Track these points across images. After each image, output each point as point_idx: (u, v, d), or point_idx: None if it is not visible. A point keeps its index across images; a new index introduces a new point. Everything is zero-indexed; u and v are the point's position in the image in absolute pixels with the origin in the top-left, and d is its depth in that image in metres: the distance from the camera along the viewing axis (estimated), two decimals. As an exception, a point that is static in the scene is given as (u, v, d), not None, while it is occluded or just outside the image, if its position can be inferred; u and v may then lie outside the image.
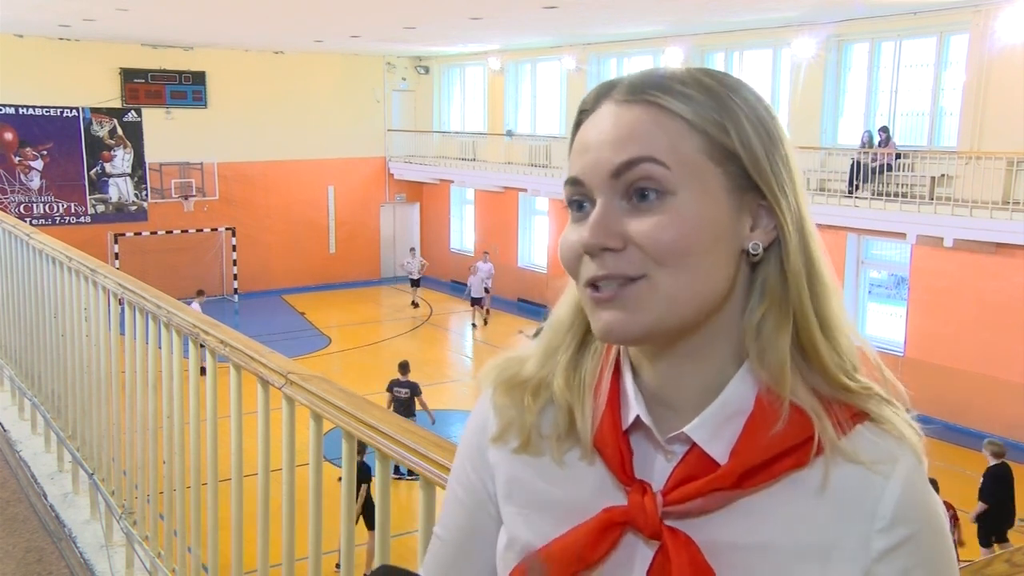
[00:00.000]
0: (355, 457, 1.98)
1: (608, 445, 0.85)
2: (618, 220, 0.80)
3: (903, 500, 0.80)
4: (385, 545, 1.87)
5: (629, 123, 0.80)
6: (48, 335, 4.28)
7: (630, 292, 0.80)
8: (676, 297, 0.79)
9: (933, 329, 13.39)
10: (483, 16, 15.35)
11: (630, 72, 0.85)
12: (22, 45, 19.02)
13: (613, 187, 0.80)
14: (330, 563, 5.85)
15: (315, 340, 18.50)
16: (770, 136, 0.82)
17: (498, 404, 0.95)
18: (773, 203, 0.81)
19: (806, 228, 0.83)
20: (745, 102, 0.82)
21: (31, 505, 3.86)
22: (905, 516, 0.80)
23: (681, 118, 0.80)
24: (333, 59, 22.78)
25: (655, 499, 0.82)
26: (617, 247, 0.80)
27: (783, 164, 0.82)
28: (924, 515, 0.81)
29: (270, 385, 2.26)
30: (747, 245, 0.82)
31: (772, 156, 0.82)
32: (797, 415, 0.81)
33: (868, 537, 0.79)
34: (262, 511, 2.42)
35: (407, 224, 24.85)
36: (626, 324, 0.80)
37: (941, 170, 13.45)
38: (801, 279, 0.82)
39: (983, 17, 12.84)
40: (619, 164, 0.79)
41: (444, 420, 13.55)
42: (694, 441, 0.82)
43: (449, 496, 1.01)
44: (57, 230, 12.34)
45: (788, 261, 0.82)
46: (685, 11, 14.41)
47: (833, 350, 0.83)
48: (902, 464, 0.81)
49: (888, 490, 0.80)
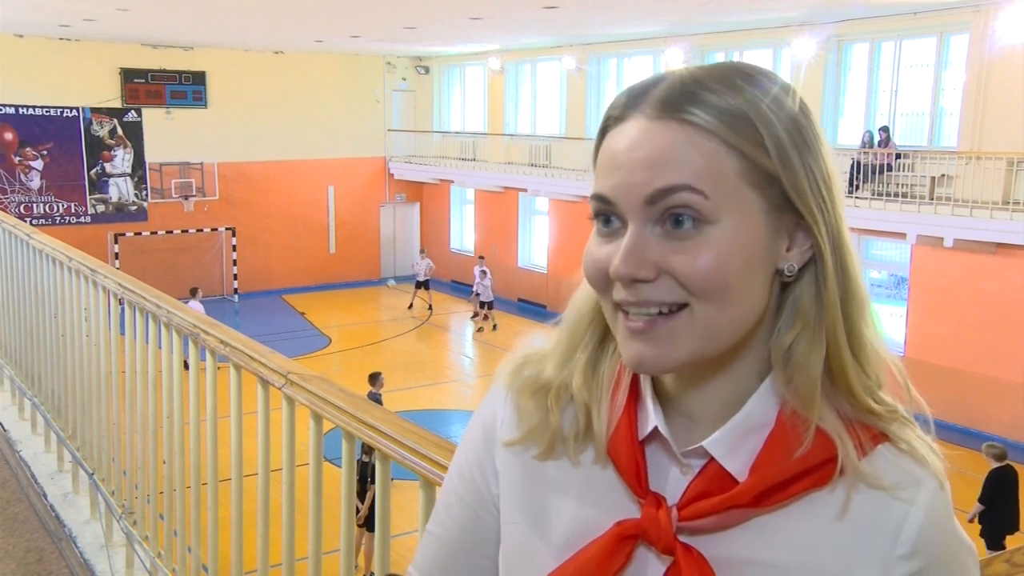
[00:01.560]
0: (355, 457, 1.98)
1: (623, 455, 0.83)
2: (652, 249, 0.76)
3: (926, 527, 0.78)
4: (386, 546, 1.87)
5: (664, 145, 0.76)
6: (48, 335, 4.28)
7: (665, 325, 0.77)
8: (713, 329, 0.77)
9: (933, 329, 13.39)
10: (483, 16, 15.35)
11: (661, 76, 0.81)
12: (22, 45, 19.02)
13: (647, 213, 0.76)
14: (330, 563, 5.85)
15: (315, 340, 18.50)
16: (808, 145, 0.79)
17: (522, 408, 0.91)
18: (811, 223, 0.78)
19: (843, 244, 0.80)
20: (782, 111, 0.78)
21: (31, 505, 3.86)
22: (928, 543, 0.78)
23: (717, 138, 0.76)
24: (333, 59, 22.78)
25: (670, 514, 0.80)
26: (649, 278, 0.76)
27: (821, 178, 0.79)
28: (947, 543, 0.80)
29: (270, 385, 2.26)
30: (782, 265, 0.79)
31: (811, 171, 0.78)
32: (819, 436, 0.78)
33: (890, 563, 0.77)
34: (262, 511, 2.42)
35: (407, 224, 24.84)
36: (659, 358, 0.78)
37: (941, 170, 13.44)
38: (836, 300, 0.79)
39: (983, 17, 12.84)
40: (655, 191, 0.75)
41: (444, 420, 13.55)
42: (712, 456, 0.80)
43: (448, 491, 0.98)
44: (57, 230, 12.35)
45: (825, 283, 0.79)
46: (685, 11, 14.40)
47: (862, 371, 0.81)
48: (925, 489, 0.79)
49: (911, 516, 0.78)
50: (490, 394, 0.97)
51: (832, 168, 0.80)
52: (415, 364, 17.06)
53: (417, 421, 1.82)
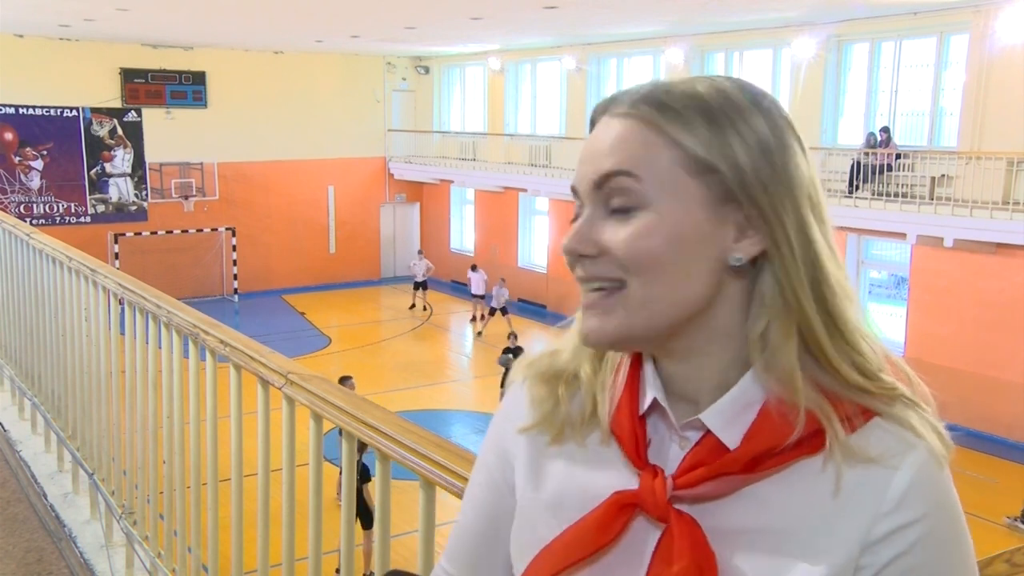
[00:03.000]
0: (355, 457, 1.98)
1: (624, 429, 0.87)
2: (596, 229, 0.83)
3: (912, 485, 0.79)
4: (386, 545, 1.87)
5: (614, 136, 0.84)
6: (48, 335, 4.28)
7: (607, 300, 0.84)
8: (647, 305, 0.82)
9: (933, 329, 13.39)
10: (483, 16, 15.35)
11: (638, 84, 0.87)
12: (22, 45, 19.03)
13: (596, 197, 0.84)
14: (330, 563, 5.86)
15: (315, 340, 18.50)
16: (764, 146, 0.81)
17: (534, 396, 0.96)
18: (758, 215, 0.81)
19: (809, 237, 0.82)
20: (741, 112, 0.82)
21: (31, 505, 3.86)
22: (912, 500, 0.79)
23: (656, 128, 0.82)
24: (333, 59, 22.78)
25: (665, 482, 0.83)
26: (591, 254, 0.83)
27: (778, 175, 0.81)
28: (934, 500, 0.80)
29: (270, 385, 2.26)
30: (729, 256, 0.82)
31: (761, 168, 0.81)
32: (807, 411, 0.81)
33: (872, 521, 0.79)
34: (262, 511, 2.41)
35: (407, 224, 24.85)
36: (599, 330, 0.84)
37: (941, 170, 13.44)
38: (803, 288, 0.81)
39: (983, 17, 12.84)
40: (599, 176, 0.83)
41: (444, 420, 13.55)
42: (708, 428, 0.83)
43: (471, 481, 1.04)
44: (57, 230, 12.34)
45: (786, 273, 0.81)
46: (685, 11, 14.40)
47: (847, 352, 0.82)
48: (913, 456, 0.80)
49: (897, 478, 0.79)
50: (510, 388, 1.03)
51: (800, 171, 0.83)
52: (415, 364, 17.06)
53: (417, 421, 1.82)
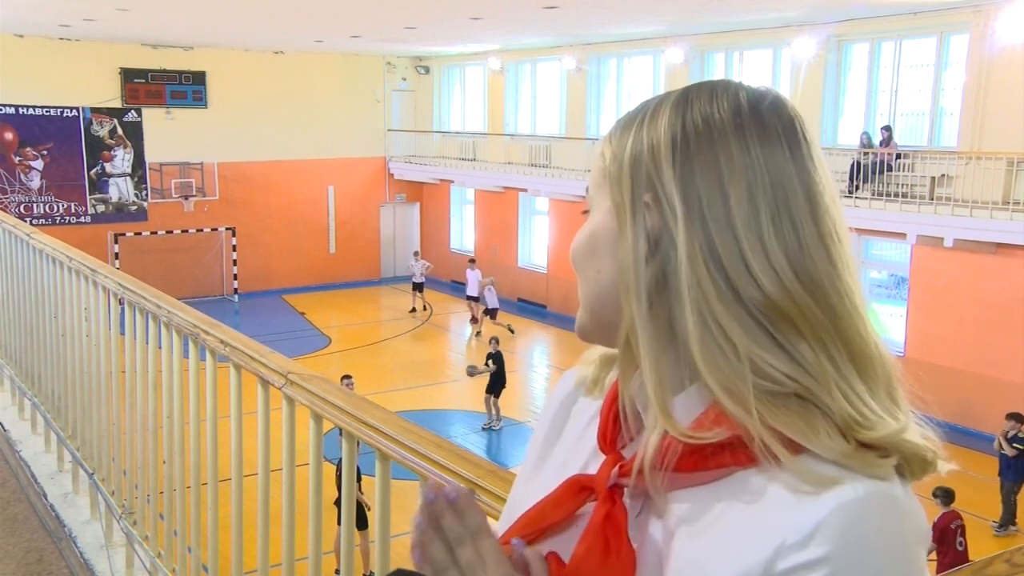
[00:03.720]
0: (355, 457, 1.98)
1: (602, 415, 0.91)
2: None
3: (830, 519, 0.70)
4: (386, 545, 1.87)
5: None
6: (48, 335, 4.28)
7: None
8: (585, 299, 0.90)
9: (933, 329, 13.39)
10: (483, 16, 15.35)
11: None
12: (22, 45, 19.03)
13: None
14: (330, 563, 5.85)
15: (315, 340, 18.50)
16: (654, 144, 0.83)
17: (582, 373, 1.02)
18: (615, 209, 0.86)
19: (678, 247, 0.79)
20: (658, 110, 0.85)
21: (31, 505, 3.86)
22: (822, 537, 0.70)
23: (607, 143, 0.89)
24: (333, 59, 22.78)
25: (614, 469, 0.84)
26: None
27: (669, 187, 0.81)
28: (848, 541, 0.70)
29: (270, 385, 2.26)
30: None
31: (655, 178, 0.82)
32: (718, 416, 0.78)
33: (775, 554, 0.72)
34: (262, 511, 2.42)
35: (407, 224, 24.85)
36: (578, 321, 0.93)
37: (941, 170, 13.45)
38: (621, 287, 0.84)
39: (983, 17, 12.84)
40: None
41: (444, 420, 13.56)
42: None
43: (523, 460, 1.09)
44: (57, 230, 12.34)
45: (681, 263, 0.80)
46: (685, 11, 14.41)
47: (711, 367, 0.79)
48: (848, 486, 0.72)
49: (817, 504, 0.71)
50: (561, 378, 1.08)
51: (689, 183, 0.80)
52: (415, 364, 17.07)
53: (417, 421, 1.82)
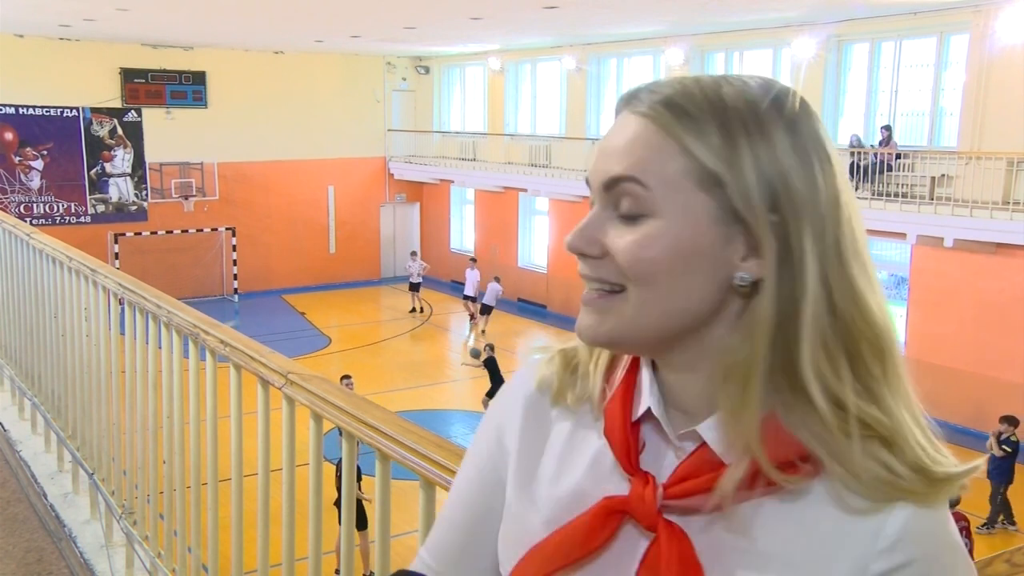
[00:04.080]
0: (355, 457, 1.98)
1: (616, 433, 0.85)
2: (602, 230, 0.82)
3: (912, 523, 0.77)
4: (386, 545, 1.87)
5: (626, 136, 0.81)
6: (48, 335, 4.28)
7: (606, 301, 0.82)
8: (641, 313, 0.80)
9: (933, 329, 13.39)
10: (483, 16, 15.35)
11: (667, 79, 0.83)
12: (22, 45, 19.02)
13: (604, 197, 0.82)
14: (330, 563, 5.85)
15: (315, 340, 18.50)
16: (778, 165, 0.77)
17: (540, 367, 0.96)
18: (755, 236, 0.77)
19: (806, 263, 0.77)
20: (761, 124, 0.77)
21: (31, 505, 3.86)
22: (910, 539, 0.77)
23: (670, 135, 0.79)
24: (333, 59, 22.78)
25: (655, 491, 0.81)
26: (595, 255, 0.82)
27: (791, 198, 0.77)
28: (933, 541, 0.78)
29: (270, 385, 2.26)
30: (734, 275, 0.79)
31: (769, 189, 0.77)
32: (791, 445, 0.78)
33: (867, 557, 0.76)
34: (262, 511, 2.41)
35: (407, 224, 24.84)
36: (589, 330, 0.83)
37: (941, 170, 13.44)
38: (765, 329, 0.77)
39: (983, 17, 12.84)
40: (608, 179, 0.81)
41: (444, 420, 13.55)
42: (704, 440, 0.81)
43: (460, 474, 1.01)
44: (57, 230, 12.34)
45: (780, 302, 0.77)
46: (685, 11, 14.40)
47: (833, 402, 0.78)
48: (910, 498, 0.78)
49: (896, 511, 0.77)
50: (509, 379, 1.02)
51: (813, 189, 0.78)
52: (415, 364, 17.06)
53: (417, 421, 1.82)
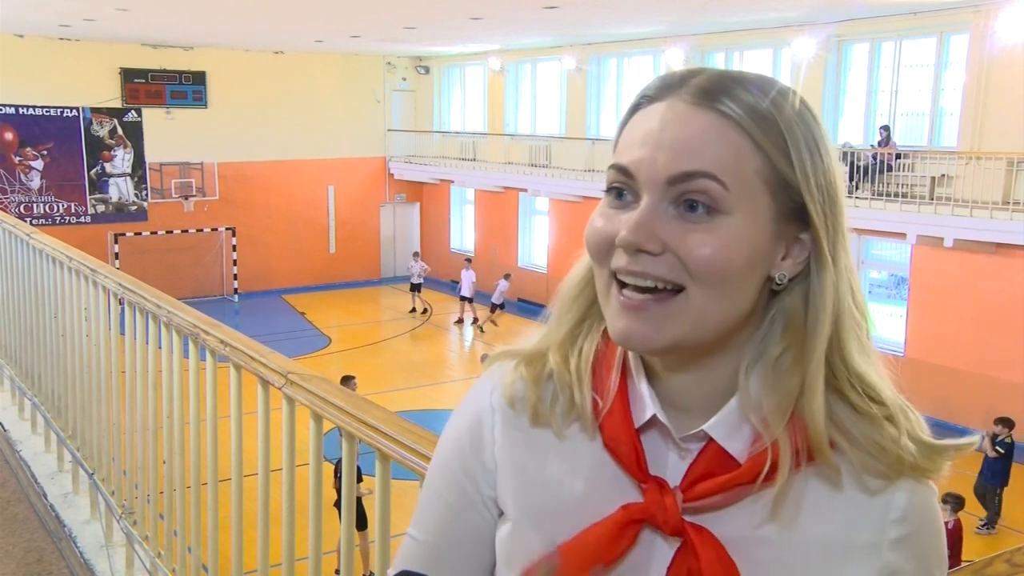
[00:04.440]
0: (355, 457, 1.98)
1: (621, 443, 0.84)
2: (662, 225, 0.78)
3: (914, 497, 0.82)
4: (386, 545, 1.87)
5: (696, 130, 0.78)
6: (48, 335, 4.28)
7: (658, 307, 0.79)
8: (703, 317, 0.79)
9: (933, 329, 13.38)
10: (483, 16, 15.35)
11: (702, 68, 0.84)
12: (22, 45, 19.01)
13: (665, 191, 0.78)
14: (330, 563, 5.85)
15: (315, 340, 18.49)
16: (822, 160, 0.81)
17: (506, 382, 0.93)
18: (815, 236, 0.81)
19: (840, 264, 0.82)
20: (807, 129, 0.81)
21: (31, 505, 3.86)
22: (913, 512, 0.82)
23: (746, 134, 0.78)
24: (333, 59, 22.77)
25: (675, 496, 0.81)
26: (655, 251, 0.78)
27: (831, 197, 0.81)
28: (929, 515, 0.84)
29: (270, 385, 2.26)
30: (775, 273, 0.81)
31: (821, 186, 0.80)
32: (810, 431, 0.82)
33: (884, 528, 0.81)
34: (262, 511, 2.41)
35: (407, 224, 24.84)
36: (648, 337, 0.80)
37: (941, 170, 13.44)
38: (827, 320, 0.81)
39: (983, 17, 12.83)
40: (678, 173, 0.78)
41: (444, 420, 13.44)
42: (710, 438, 0.82)
43: (430, 496, 0.97)
44: (57, 230, 12.33)
45: (822, 299, 0.81)
46: (685, 11, 14.40)
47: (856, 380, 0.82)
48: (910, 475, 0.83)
49: (901, 483, 0.82)
50: (471, 392, 0.98)
51: (839, 186, 0.82)
52: (415, 364, 17.06)
53: (417, 421, 1.82)
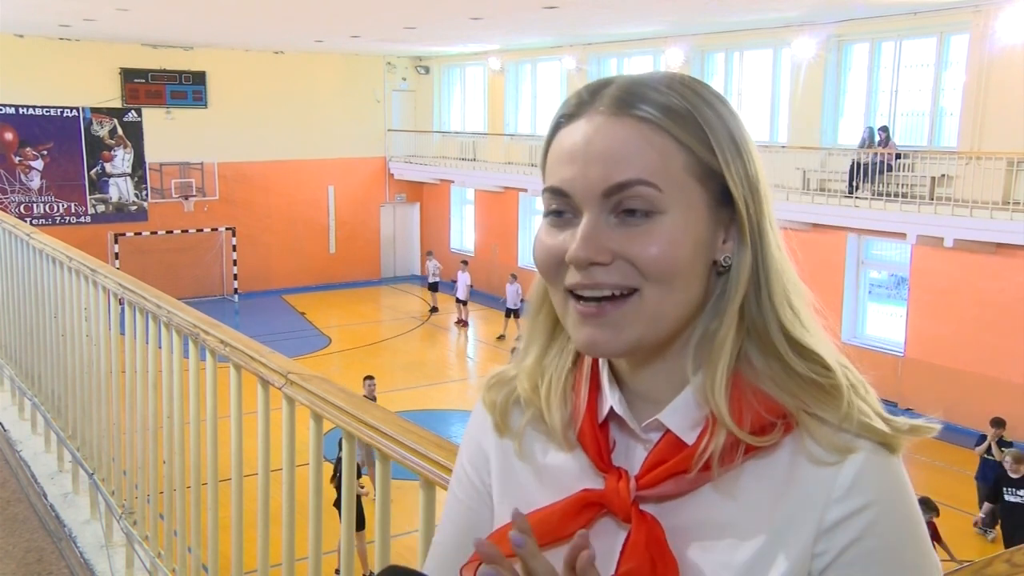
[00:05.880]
0: (355, 457, 1.98)
1: (587, 436, 0.88)
2: (607, 235, 0.81)
3: (865, 467, 0.80)
4: (386, 545, 1.87)
5: (620, 140, 0.81)
6: (48, 335, 4.28)
7: (616, 310, 0.82)
8: (660, 313, 0.82)
9: (933, 329, 13.38)
10: (483, 16, 15.35)
11: (610, 78, 0.86)
12: (22, 45, 19.02)
13: (602, 204, 0.81)
14: (330, 563, 5.84)
15: (315, 340, 18.49)
16: (742, 148, 0.84)
17: (486, 401, 1.00)
18: (737, 216, 0.84)
19: (765, 239, 0.85)
20: (720, 115, 0.84)
21: (31, 505, 3.86)
22: (865, 484, 0.80)
23: (668, 134, 0.81)
24: (333, 59, 22.78)
25: (629, 483, 0.84)
26: (606, 261, 0.81)
27: (752, 175, 0.84)
28: (884, 486, 0.81)
29: (270, 385, 2.26)
30: (719, 256, 0.84)
31: (740, 169, 0.83)
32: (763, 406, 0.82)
33: (825, 508, 0.80)
34: (262, 511, 2.42)
35: (407, 224, 24.84)
36: (611, 341, 0.83)
37: (941, 170, 13.44)
38: (739, 284, 0.84)
39: (983, 17, 12.83)
40: (612, 185, 0.80)
41: (444, 420, 13.55)
42: (667, 428, 0.84)
43: (448, 498, 1.04)
44: (57, 230, 12.33)
45: (735, 270, 0.84)
46: (685, 11, 14.40)
47: (799, 349, 0.84)
48: (864, 444, 0.81)
49: (848, 463, 0.80)
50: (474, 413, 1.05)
51: (761, 168, 0.85)
52: (415, 364, 17.06)
53: (417, 421, 1.82)
